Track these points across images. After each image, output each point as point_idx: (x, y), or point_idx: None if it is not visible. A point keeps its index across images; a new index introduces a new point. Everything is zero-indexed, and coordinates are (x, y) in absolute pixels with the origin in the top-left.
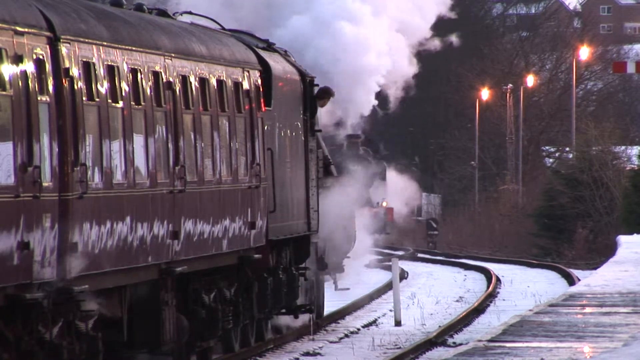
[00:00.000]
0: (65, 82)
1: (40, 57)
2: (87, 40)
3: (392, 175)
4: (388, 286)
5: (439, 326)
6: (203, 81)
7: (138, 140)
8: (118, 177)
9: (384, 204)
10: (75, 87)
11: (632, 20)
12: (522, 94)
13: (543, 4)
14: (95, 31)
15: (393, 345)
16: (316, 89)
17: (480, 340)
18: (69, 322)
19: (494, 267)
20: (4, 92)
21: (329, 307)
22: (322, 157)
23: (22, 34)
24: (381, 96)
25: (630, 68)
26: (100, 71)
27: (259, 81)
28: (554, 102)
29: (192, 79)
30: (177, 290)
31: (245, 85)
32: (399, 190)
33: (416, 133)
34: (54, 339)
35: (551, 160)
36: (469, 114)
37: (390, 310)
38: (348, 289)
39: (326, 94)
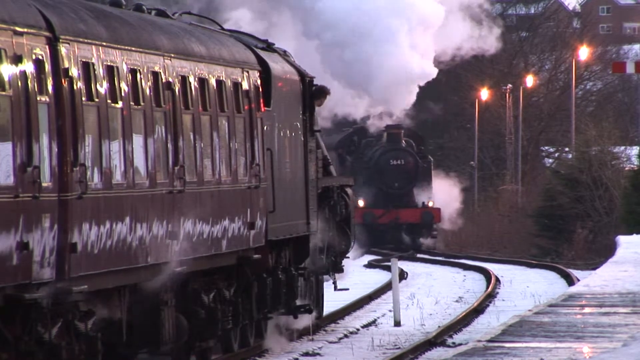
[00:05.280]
0: (65, 83)
1: (40, 57)
2: (86, 40)
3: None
4: (387, 286)
5: (439, 326)
6: (202, 81)
7: (137, 140)
8: (117, 177)
9: (430, 204)
10: (75, 87)
11: (631, 20)
12: (521, 94)
13: (542, 4)
14: (94, 31)
15: (392, 345)
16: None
17: (479, 341)
18: (68, 322)
19: (493, 268)
20: (3, 92)
21: (329, 307)
22: (322, 157)
23: (21, 34)
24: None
25: (630, 68)
26: (100, 71)
27: (259, 81)
28: (553, 102)
29: (191, 79)
30: (176, 291)
31: (245, 86)
32: (445, 189)
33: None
34: (53, 339)
35: (550, 160)
36: (468, 114)
37: (390, 311)
38: (347, 289)
39: (322, 92)
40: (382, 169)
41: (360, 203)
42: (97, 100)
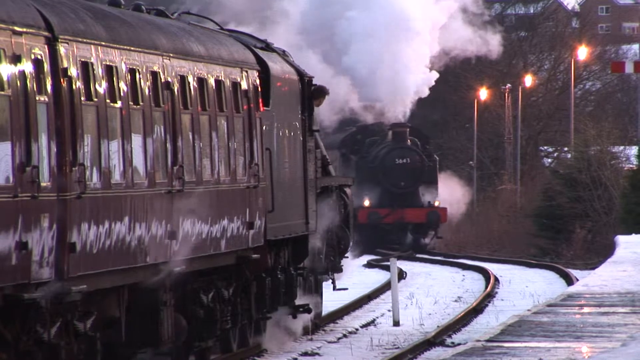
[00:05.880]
0: (64, 82)
1: (39, 57)
2: (85, 40)
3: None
4: (386, 286)
5: (437, 326)
6: (201, 81)
7: (136, 140)
8: (116, 177)
9: (436, 203)
10: (74, 87)
11: (630, 20)
12: (520, 94)
13: (541, 4)
14: (93, 31)
15: (391, 345)
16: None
17: (478, 341)
18: (67, 322)
19: (492, 267)
20: (2, 92)
21: (328, 307)
22: (321, 157)
23: (20, 33)
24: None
25: (629, 68)
26: (99, 71)
27: (258, 81)
28: (552, 102)
29: (190, 79)
30: (175, 290)
31: (244, 85)
32: (451, 188)
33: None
34: (52, 339)
35: (549, 160)
36: (467, 113)
37: (389, 310)
38: (346, 289)
39: (321, 92)
40: (388, 167)
41: (366, 203)
42: (96, 100)
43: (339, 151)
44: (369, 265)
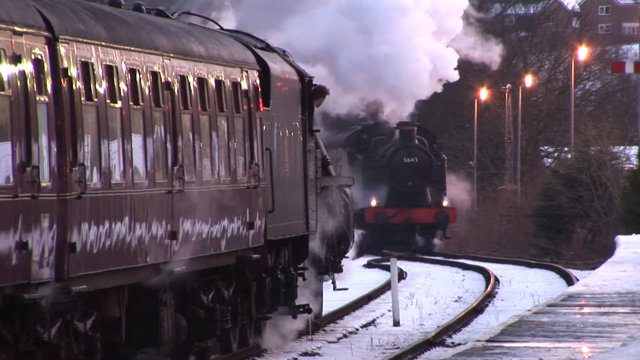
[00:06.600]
0: (64, 82)
1: (39, 57)
2: (85, 40)
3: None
4: (386, 286)
5: (438, 326)
6: (201, 81)
7: (136, 140)
8: (116, 177)
9: (445, 203)
10: (74, 87)
11: (630, 20)
12: (520, 94)
13: (541, 4)
14: (93, 31)
15: (391, 345)
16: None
17: (478, 341)
18: (67, 322)
19: (492, 267)
20: (2, 92)
21: (328, 307)
22: (321, 157)
23: (20, 34)
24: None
25: (629, 68)
26: (99, 71)
27: (258, 81)
28: (552, 102)
29: (190, 79)
30: (175, 291)
31: (244, 85)
32: (459, 188)
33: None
34: (52, 339)
35: (550, 160)
36: (467, 114)
37: (389, 311)
38: (346, 289)
39: (321, 93)
40: (395, 167)
41: (373, 202)
42: (96, 100)
43: (344, 150)
44: (369, 265)
